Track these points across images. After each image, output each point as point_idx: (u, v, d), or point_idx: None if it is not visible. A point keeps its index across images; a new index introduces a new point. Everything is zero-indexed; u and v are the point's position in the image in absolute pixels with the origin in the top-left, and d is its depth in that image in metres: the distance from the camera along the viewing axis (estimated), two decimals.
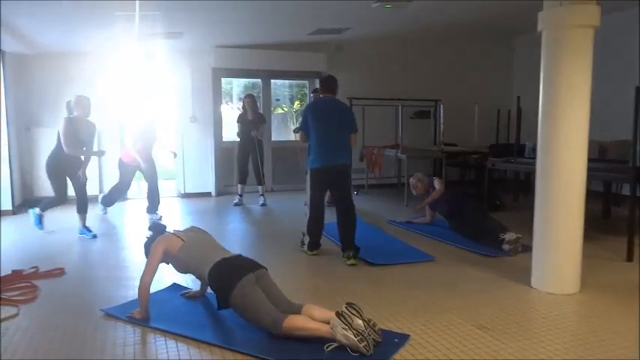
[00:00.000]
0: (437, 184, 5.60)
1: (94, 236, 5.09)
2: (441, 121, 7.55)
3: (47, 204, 5.34)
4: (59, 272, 3.95)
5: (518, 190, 7.20)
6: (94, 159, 6.34)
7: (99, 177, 7.30)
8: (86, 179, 5.29)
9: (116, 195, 6.23)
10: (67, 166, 5.13)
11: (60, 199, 5.25)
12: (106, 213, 6.30)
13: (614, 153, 6.55)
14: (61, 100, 7.01)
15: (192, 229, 3.36)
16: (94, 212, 5.76)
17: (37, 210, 5.32)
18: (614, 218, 5.93)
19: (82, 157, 5.27)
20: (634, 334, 2.80)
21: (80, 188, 5.21)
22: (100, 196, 6.49)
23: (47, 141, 6.94)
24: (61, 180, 5.18)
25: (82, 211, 5.19)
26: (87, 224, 5.23)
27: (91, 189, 5.84)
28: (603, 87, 5.95)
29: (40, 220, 5.31)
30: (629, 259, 4.22)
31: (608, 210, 6.09)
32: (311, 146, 4.43)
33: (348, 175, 4.58)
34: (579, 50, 3.32)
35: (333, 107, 4.44)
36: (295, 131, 4.46)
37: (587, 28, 3.31)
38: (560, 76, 3.37)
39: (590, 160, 3.54)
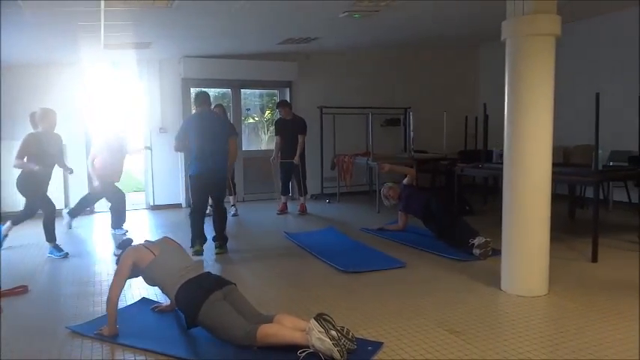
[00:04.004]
0: (406, 180, 5.68)
1: (66, 255, 4.88)
2: (411, 128, 7.64)
3: (17, 219, 5.17)
4: (22, 290, 3.80)
5: (487, 194, 7.33)
6: (59, 173, 6.19)
7: (64, 191, 7.11)
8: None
9: (84, 204, 6.05)
10: (36, 181, 4.92)
11: (27, 215, 5.09)
12: (70, 228, 6.12)
13: (578, 157, 6.76)
14: (26, 112, 6.83)
15: (164, 240, 3.27)
16: (59, 228, 5.56)
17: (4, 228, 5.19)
18: (579, 220, 6.09)
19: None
20: (601, 333, 2.87)
21: (47, 217, 5.00)
22: (66, 210, 6.30)
23: (13, 154, 6.76)
24: (32, 195, 4.98)
25: (50, 239, 4.96)
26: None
27: (57, 203, 5.66)
28: (566, 93, 6.13)
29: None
30: (594, 259, 4.33)
31: (573, 212, 6.26)
32: (190, 155, 4.80)
33: (224, 181, 4.96)
34: (541, 58, 3.41)
35: (210, 119, 4.87)
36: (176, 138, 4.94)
37: (548, 36, 3.41)
38: (523, 83, 3.46)
39: (554, 164, 3.64)
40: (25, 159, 4.86)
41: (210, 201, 5.09)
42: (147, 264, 2.99)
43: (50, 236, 4.96)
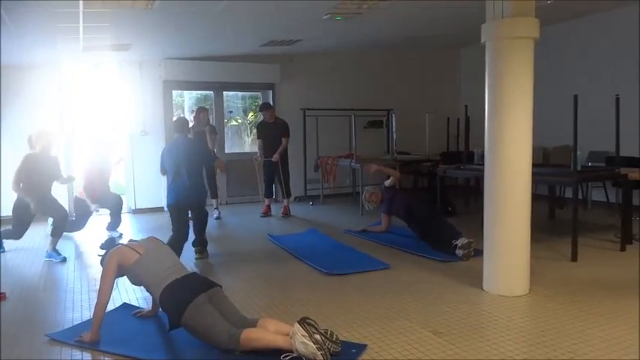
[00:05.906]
0: (389, 181, 5.69)
1: (64, 259, 4.82)
2: (394, 130, 7.67)
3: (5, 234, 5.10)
4: (0, 297, 3.72)
5: (469, 195, 7.39)
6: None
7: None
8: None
9: (71, 227, 5.82)
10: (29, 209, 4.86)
11: (16, 234, 5.00)
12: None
13: (557, 158, 6.86)
14: (6, 115, 6.70)
15: (149, 239, 3.22)
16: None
17: None
18: (559, 220, 6.18)
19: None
20: (581, 332, 2.91)
21: (61, 215, 4.97)
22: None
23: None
24: (24, 219, 4.92)
25: (56, 234, 4.92)
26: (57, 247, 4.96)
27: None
28: (545, 95, 6.21)
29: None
30: (574, 259, 4.40)
31: (553, 212, 6.34)
32: (167, 182, 4.76)
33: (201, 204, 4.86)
34: (520, 60, 3.45)
35: (185, 146, 4.74)
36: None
37: (527, 39, 3.46)
38: (503, 85, 3.50)
39: (534, 165, 3.68)
40: (21, 184, 4.80)
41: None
42: (132, 263, 2.94)
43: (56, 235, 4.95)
